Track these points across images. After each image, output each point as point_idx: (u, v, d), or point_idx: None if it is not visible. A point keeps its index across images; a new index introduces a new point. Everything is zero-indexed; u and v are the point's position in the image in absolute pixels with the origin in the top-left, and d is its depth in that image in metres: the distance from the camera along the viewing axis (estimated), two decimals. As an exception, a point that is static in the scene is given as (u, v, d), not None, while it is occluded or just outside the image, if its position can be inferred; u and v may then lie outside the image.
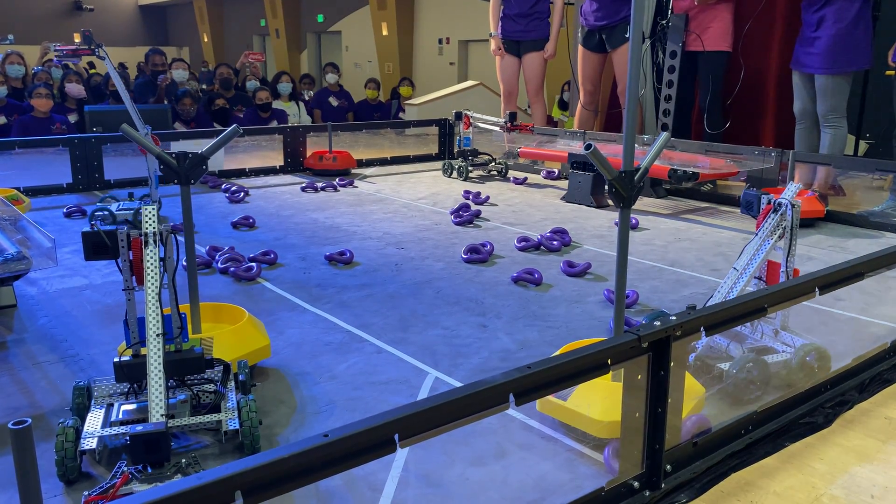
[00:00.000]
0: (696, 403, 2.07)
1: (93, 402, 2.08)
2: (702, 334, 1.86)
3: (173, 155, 2.23)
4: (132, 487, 1.70)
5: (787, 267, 2.46)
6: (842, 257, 3.96)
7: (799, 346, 2.40)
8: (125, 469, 1.75)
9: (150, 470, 1.74)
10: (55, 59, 4.46)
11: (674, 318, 1.78)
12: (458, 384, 2.42)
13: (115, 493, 1.65)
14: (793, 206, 2.41)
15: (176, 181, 2.26)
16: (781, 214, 2.42)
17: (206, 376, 2.13)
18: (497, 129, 6.66)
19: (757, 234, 2.46)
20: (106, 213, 4.28)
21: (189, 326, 2.48)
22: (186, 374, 2.06)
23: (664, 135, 2.14)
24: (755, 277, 2.54)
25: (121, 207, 4.53)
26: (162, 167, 2.24)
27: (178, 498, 1.11)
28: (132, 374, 2.00)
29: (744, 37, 5.97)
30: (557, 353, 2.20)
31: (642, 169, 1.97)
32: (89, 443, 1.89)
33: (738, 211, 5.13)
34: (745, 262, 2.43)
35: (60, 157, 5.84)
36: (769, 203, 2.46)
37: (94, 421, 1.99)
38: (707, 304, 2.41)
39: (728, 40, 5.99)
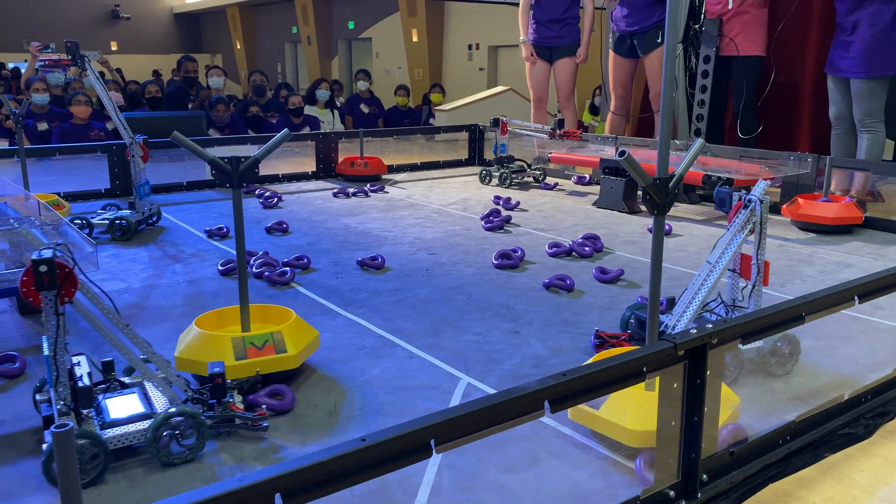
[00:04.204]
0: (731, 412, 2.04)
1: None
2: (738, 342, 1.85)
3: (226, 160, 2.29)
4: None
5: (757, 259, 2.57)
6: (881, 265, 3.89)
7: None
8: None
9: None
10: (43, 71, 4.51)
11: (710, 325, 1.77)
12: (491, 390, 2.43)
13: None
14: (761, 202, 2.51)
15: (228, 185, 2.33)
16: (751, 210, 2.53)
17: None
18: (544, 135, 6.63)
19: (728, 229, 2.57)
20: (83, 221, 4.39)
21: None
22: None
23: (699, 141, 2.13)
24: (729, 269, 2.63)
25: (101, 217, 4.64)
26: (213, 171, 2.29)
27: (219, 500, 1.13)
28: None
29: (777, 40, 5.90)
30: (590, 360, 2.20)
31: (677, 176, 1.95)
32: None
33: (773, 217, 5.07)
34: (718, 255, 2.53)
35: (99, 163, 5.97)
36: (740, 199, 2.57)
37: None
38: (682, 296, 2.51)
39: (762, 45, 5.92)
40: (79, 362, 2.15)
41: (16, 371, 2.55)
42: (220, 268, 3.82)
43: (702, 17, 6.10)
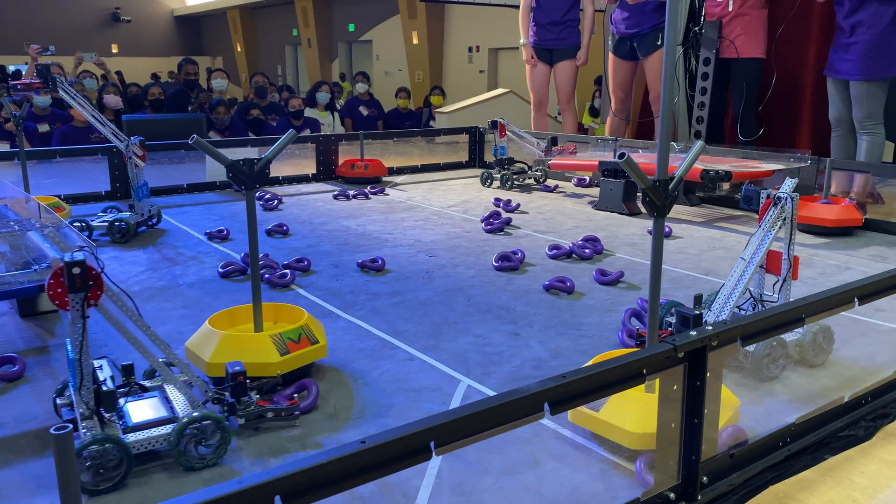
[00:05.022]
0: (731, 414, 2.04)
1: None
2: (738, 344, 1.84)
3: (241, 162, 2.32)
4: None
5: (788, 255, 2.65)
6: (881, 267, 3.89)
7: (808, 326, 2.54)
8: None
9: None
10: (14, 94, 4.47)
11: (710, 328, 1.77)
12: (491, 392, 2.43)
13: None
14: (791, 198, 2.61)
15: (243, 187, 2.36)
16: (781, 207, 2.61)
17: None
18: (539, 145, 6.61)
19: (760, 227, 2.65)
20: (83, 223, 4.39)
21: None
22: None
23: (699, 143, 2.13)
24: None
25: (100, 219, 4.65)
26: (230, 174, 2.33)
27: (219, 502, 1.13)
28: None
29: (777, 42, 5.91)
30: (590, 362, 2.19)
31: (677, 178, 1.95)
32: None
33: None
34: (752, 251, 2.60)
35: (99, 166, 5.97)
36: (769, 197, 2.66)
37: None
38: (719, 292, 2.56)
39: (762, 47, 5.93)
40: (101, 366, 2.15)
41: (15, 374, 2.55)
42: (220, 270, 3.82)
43: (702, 19, 6.10)
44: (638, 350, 1.70)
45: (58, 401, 2.20)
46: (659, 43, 6.38)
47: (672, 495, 1.74)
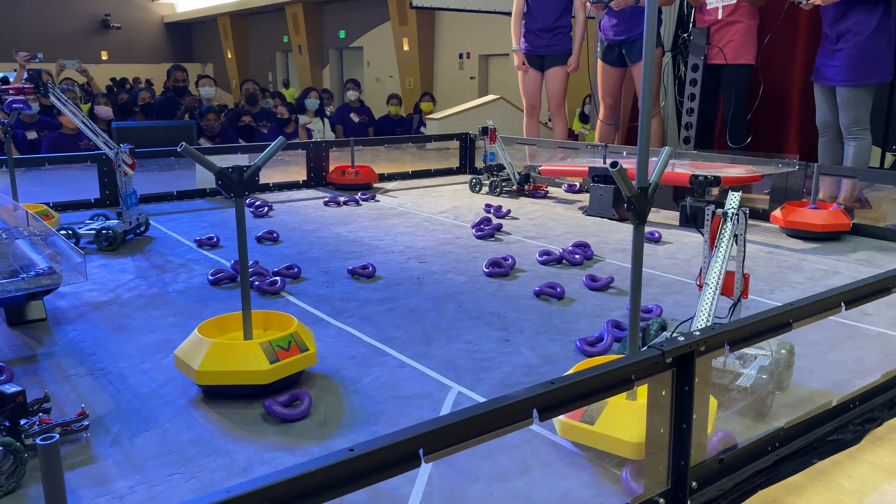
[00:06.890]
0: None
1: None
2: (726, 350, 1.85)
3: (230, 169, 2.30)
4: None
5: (741, 274, 2.48)
6: (869, 271, 3.92)
7: (776, 346, 2.39)
8: None
9: None
10: (6, 100, 4.45)
11: (698, 333, 1.78)
12: (481, 399, 2.42)
13: None
14: (744, 213, 2.44)
15: (232, 195, 2.34)
16: (735, 221, 2.44)
17: None
18: (513, 178, 6.60)
19: (717, 247, 2.46)
20: (70, 231, 4.37)
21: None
22: None
23: (667, 149, 2.13)
24: (700, 285, 2.54)
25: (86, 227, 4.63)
26: (219, 182, 2.31)
27: (207, 511, 1.12)
28: None
29: (765, 49, 5.95)
30: (572, 370, 2.20)
31: (652, 184, 1.97)
32: None
33: (763, 224, 5.10)
34: (716, 276, 2.41)
35: (88, 173, 5.94)
36: (716, 214, 2.48)
37: None
38: (693, 321, 2.39)
39: (752, 53, 5.97)
40: None
41: (2, 382, 2.53)
42: (210, 277, 3.81)
43: (690, 25, 6.15)
44: (627, 356, 1.71)
45: None
46: (648, 49, 6.41)
47: (662, 501, 1.74)
